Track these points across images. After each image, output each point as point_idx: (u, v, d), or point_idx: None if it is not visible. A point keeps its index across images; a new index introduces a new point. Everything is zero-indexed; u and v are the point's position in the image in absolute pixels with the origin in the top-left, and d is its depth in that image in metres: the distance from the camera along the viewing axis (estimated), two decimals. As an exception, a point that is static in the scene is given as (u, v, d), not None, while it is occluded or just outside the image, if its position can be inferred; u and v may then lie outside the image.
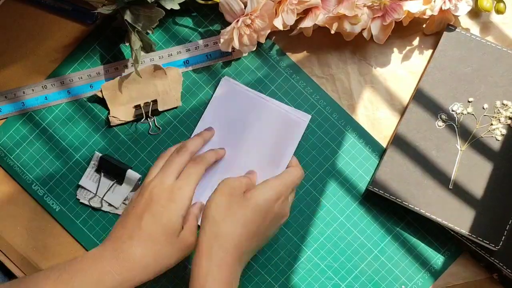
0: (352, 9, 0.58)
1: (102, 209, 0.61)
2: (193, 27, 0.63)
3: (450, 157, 0.59)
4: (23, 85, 0.62)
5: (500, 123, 0.59)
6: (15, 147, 0.61)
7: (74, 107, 0.62)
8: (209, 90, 0.62)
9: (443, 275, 0.60)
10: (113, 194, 0.60)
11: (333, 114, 0.62)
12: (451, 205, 0.58)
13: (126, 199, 0.60)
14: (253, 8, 0.57)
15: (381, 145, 0.62)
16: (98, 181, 0.61)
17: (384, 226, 0.61)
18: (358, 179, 0.61)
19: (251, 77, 0.63)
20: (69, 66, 0.62)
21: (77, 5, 0.63)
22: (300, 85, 0.62)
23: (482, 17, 0.63)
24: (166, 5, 0.59)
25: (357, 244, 0.60)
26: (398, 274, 0.60)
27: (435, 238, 0.60)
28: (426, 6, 0.59)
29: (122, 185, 0.60)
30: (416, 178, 0.59)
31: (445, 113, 0.60)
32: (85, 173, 0.61)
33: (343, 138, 0.62)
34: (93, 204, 0.60)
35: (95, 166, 0.61)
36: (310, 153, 0.62)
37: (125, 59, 0.62)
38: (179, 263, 0.52)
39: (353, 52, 0.63)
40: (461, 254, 0.60)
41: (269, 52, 0.63)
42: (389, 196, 0.59)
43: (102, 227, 0.61)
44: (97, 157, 0.61)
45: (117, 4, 0.58)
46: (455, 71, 0.61)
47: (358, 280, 0.60)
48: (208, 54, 0.63)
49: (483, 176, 0.59)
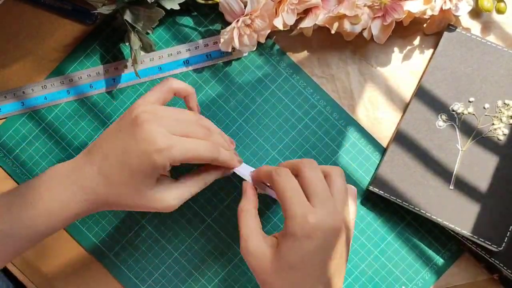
0: (352, 9, 0.58)
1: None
2: (193, 27, 0.63)
3: (451, 157, 0.59)
4: (22, 84, 0.62)
5: (501, 122, 0.59)
6: (15, 147, 0.61)
7: (73, 107, 0.62)
8: (209, 90, 0.62)
9: (443, 276, 0.60)
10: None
11: (333, 114, 0.62)
12: (451, 206, 0.58)
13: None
14: (253, 8, 0.57)
15: (382, 145, 0.62)
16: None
17: (385, 226, 0.61)
18: (358, 179, 0.61)
19: (251, 77, 0.62)
20: (69, 66, 0.62)
21: (77, 5, 0.63)
22: (300, 85, 0.62)
23: (483, 17, 0.63)
24: (166, 5, 0.59)
25: (357, 244, 0.60)
26: (399, 275, 0.60)
27: (435, 239, 0.60)
28: (426, 6, 0.59)
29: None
30: (417, 178, 0.59)
31: (445, 113, 0.60)
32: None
33: (343, 138, 0.62)
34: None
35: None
36: (310, 153, 0.61)
37: (125, 59, 0.62)
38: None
39: (354, 52, 0.63)
40: (461, 255, 0.60)
41: (269, 52, 0.63)
42: (389, 196, 0.58)
43: (102, 227, 0.61)
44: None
45: (117, 4, 0.58)
46: (456, 71, 0.60)
47: (358, 280, 0.60)
48: (208, 54, 0.62)
49: (485, 176, 0.58)
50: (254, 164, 0.61)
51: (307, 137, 0.62)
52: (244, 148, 0.62)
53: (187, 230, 0.61)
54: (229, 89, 0.62)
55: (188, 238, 0.60)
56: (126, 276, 0.60)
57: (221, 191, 0.61)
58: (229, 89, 0.62)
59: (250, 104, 0.62)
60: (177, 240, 0.60)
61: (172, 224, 0.61)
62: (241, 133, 0.62)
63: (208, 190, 0.61)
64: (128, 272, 0.60)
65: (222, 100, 0.62)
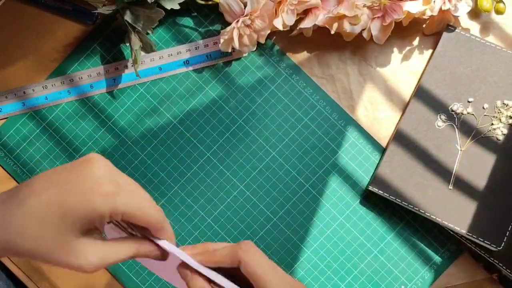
0: (352, 10, 0.58)
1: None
2: (193, 27, 0.63)
3: (450, 157, 0.59)
4: (23, 85, 0.62)
5: (501, 122, 0.59)
6: (16, 147, 0.62)
7: (74, 107, 0.62)
8: (209, 90, 0.62)
9: (442, 275, 0.60)
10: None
11: (333, 114, 0.62)
12: (451, 206, 0.58)
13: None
14: (253, 8, 0.57)
15: (381, 145, 0.62)
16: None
17: (384, 226, 0.61)
18: (358, 179, 0.61)
19: (251, 77, 0.63)
20: (69, 66, 0.62)
21: (77, 5, 0.63)
22: (300, 85, 0.62)
23: (482, 17, 0.63)
24: (166, 5, 0.59)
25: (357, 244, 0.60)
26: (398, 274, 0.60)
27: (434, 238, 0.60)
28: (425, 6, 0.59)
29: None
30: (416, 178, 0.59)
31: (445, 113, 0.60)
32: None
33: (343, 138, 0.62)
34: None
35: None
36: (310, 153, 0.62)
37: (125, 59, 0.62)
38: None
39: (353, 53, 0.63)
40: (460, 255, 0.60)
41: (269, 52, 0.63)
42: (388, 196, 0.59)
43: (102, 227, 0.61)
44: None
45: (117, 4, 0.58)
46: (455, 71, 0.61)
47: (357, 280, 0.60)
48: (208, 54, 0.63)
49: (484, 176, 0.59)
50: (254, 164, 0.61)
51: (306, 137, 0.62)
52: (244, 148, 0.62)
53: (187, 230, 0.61)
54: (229, 89, 0.62)
55: (188, 237, 0.61)
56: (127, 276, 0.60)
57: (221, 190, 0.61)
58: (229, 89, 0.62)
59: (250, 104, 0.62)
60: (177, 240, 0.61)
61: (172, 223, 0.61)
62: (241, 133, 0.62)
63: (208, 189, 0.61)
64: (128, 272, 0.60)
65: (222, 100, 0.62)
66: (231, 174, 0.61)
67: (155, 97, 0.62)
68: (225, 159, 0.62)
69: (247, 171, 0.61)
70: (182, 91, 0.62)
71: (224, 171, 0.61)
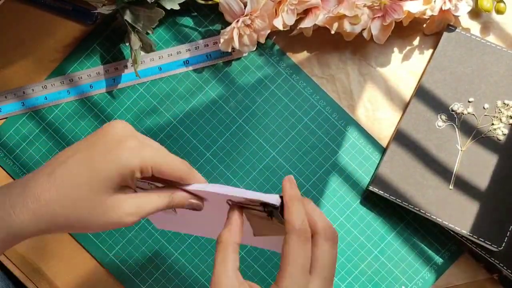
0: (352, 9, 0.58)
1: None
2: (193, 27, 0.63)
3: (451, 157, 0.59)
4: (23, 85, 0.62)
5: (501, 122, 0.59)
6: (15, 147, 0.61)
7: (74, 107, 0.62)
8: (209, 90, 0.62)
9: (443, 276, 0.60)
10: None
11: (333, 114, 0.62)
12: (451, 206, 0.58)
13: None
14: (253, 8, 0.57)
15: (381, 145, 0.62)
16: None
17: (384, 226, 0.61)
18: (358, 179, 0.61)
19: (251, 77, 0.63)
20: (69, 66, 0.62)
21: (77, 5, 0.63)
22: (300, 85, 0.62)
23: (482, 17, 0.63)
24: (166, 5, 0.59)
25: (357, 244, 0.60)
26: (398, 275, 0.60)
27: (435, 239, 0.60)
28: (426, 6, 0.59)
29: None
30: (416, 178, 0.59)
31: (445, 113, 0.60)
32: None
33: (343, 139, 0.62)
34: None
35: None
36: (310, 153, 0.61)
37: (125, 59, 0.62)
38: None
39: (353, 52, 0.63)
40: (461, 255, 0.60)
41: (269, 52, 0.63)
42: (389, 196, 0.59)
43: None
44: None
45: (117, 4, 0.58)
46: (455, 71, 0.61)
47: (358, 280, 0.60)
48: (208, 54, 0.63)
49: (484, 176, 0.58)
50: (254, 164, 0.61)
51: (307, 137, 0.62)
52: (244, 148, 0.62)
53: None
54: (229, 89, 0.62)
55: (188, 237, 0.60)
56: (127, 276, 0.60)
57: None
58: (229, 89, 0.62)
59: (250, 104, 0.62)
60: (177, 240, 0.60)
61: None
62: (241, 133, 0.62)
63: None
64: (128, 272, 0.60)
65: (222, 100, 0.62)
66: (231, 174, 0.61)
67: (155, 97, 0.62)
68: (225, 159, 0.61)
69: (247, 171, 0.61)
70: (182, 91, 0.62)
71: (224, 171, 0.61)
